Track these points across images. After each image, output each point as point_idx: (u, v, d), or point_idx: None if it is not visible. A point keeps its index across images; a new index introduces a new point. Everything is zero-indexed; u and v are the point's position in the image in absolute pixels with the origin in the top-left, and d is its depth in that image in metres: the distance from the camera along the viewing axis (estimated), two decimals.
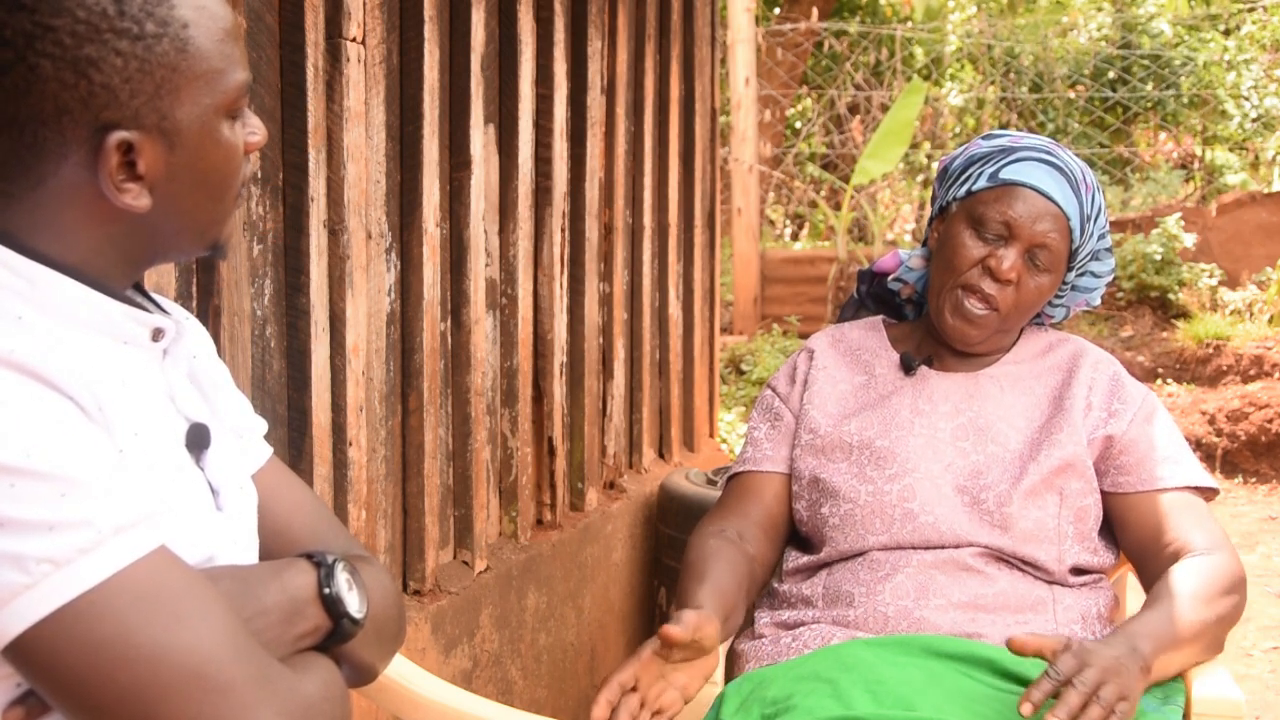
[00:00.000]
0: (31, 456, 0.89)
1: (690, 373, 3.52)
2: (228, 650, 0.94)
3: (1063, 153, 1.81)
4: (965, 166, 1.84)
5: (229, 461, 1.13)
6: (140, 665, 0.91)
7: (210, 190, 1.06)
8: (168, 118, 1.01)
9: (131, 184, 1.01)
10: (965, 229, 1.78)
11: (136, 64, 0.99)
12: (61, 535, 0.90)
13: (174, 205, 1.04)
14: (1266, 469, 5.69)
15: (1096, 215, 1.81)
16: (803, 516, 1.85)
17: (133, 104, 0.99)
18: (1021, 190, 1.76)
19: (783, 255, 8.15)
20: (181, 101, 1.01)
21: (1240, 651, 3.79)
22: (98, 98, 0.98)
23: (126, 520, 0.93)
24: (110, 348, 1.03)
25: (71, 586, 0.90)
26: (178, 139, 1.02)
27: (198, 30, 1.02)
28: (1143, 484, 1.77)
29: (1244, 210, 7.36)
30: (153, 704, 0.91)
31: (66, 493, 0.90)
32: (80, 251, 1.03)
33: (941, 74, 10.19)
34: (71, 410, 0.94)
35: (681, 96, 3.43)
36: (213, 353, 1.23)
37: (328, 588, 1.09)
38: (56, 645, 0.90)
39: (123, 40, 0.98)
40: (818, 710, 1.45)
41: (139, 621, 0.91)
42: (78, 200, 1.01)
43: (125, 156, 1.00)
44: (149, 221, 1.04)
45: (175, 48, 1.01)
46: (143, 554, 0.93)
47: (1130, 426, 1.79)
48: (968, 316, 1.78)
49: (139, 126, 1.00)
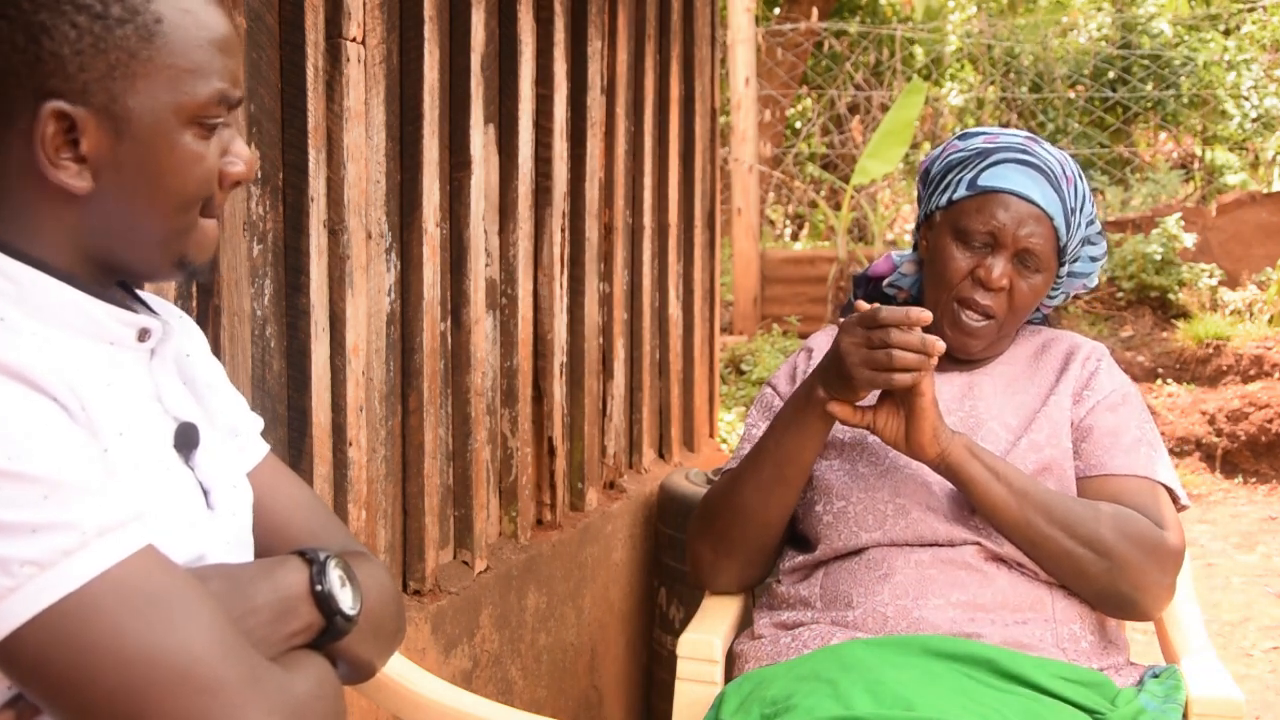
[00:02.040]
0: (13, 459, 0.89)
1: (690, 373, 3.52)
2: (217, 650, 0.94)
3: (1040, 148, 1.79)
4: (944, 173, 1.83)
5: (220, 460, 1.13)
6: (128, 666, 0.91)
7: (162, 195, 1.04)
8: (117, 101, 1.00)
9: (72, 163, 1.00)
10: (951, 241, 1.78)
11: (91, 40, 0.98)
12: (45, 537, 0.89)
13: (123, 200, 1.02)
14: (1266, 469, 5.69)
15: (1082, 205, 1.79)
16: (798, 514, 1.85)
17: (80, 77, 0.98)
18: (1002, 197, 1.75)
19: (783, 255, 8.15)
20: (136, 90, 1.00)
21: (1240, 651, 3.79)
22: (44, 64, 0.97)
23: (111, 521, 0.92)
24: (95, 348, 1.03)
25: (56, 588, 0.89)
26: (126, 128, 1.00)
27: (172, 28, 1.01)
28: (1089, 470, 1.75)
29: (1244, 210, 7.36)
30: (141, 704, 0.91)
31: (49, 495, 0.90)
32: (46, 247, 1.02)
33: (941, 74, 10.19)
34: (54, 411, 0.93)
35: (681, 96, 3.43)
36: (206, 351, 1.22)
37: (320, 585, 1.08)
38: (43, 647, 0.89)
39: (81, 15, 0.98)
40: (817, 710, 1.45)
41: (126, 622, 0.91)
42: (25, 177, 1.00)
43: (68, 133, 0.99)
44: (97, 214, 1.02)
45: (139, 35, 1.00)
46: (128, 554, 0.93)
47: (1089, 414, 1.78)
48: (966, 330, 1.79)
49: (85, 103, 0.99)
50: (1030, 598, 1.69)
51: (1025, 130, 8.91)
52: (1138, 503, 1.70)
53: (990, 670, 1.55)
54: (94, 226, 1.03)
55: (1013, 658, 1.57)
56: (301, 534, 1.23)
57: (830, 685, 1.50)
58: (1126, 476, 1.74)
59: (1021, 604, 1.68)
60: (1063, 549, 1.66)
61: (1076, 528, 1.65)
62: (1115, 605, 1.71)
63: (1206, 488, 5.58)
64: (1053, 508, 1.66)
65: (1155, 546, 1.67)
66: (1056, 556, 1.66)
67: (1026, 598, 1.69)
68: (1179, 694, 1.63)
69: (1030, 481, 1.68)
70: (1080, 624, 1.70)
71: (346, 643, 1.12)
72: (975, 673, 1.55)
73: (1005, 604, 1.68)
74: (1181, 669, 1.70)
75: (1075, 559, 1.66)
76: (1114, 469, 1.74)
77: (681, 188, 3.44)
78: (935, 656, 1.57)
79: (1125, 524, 1.67)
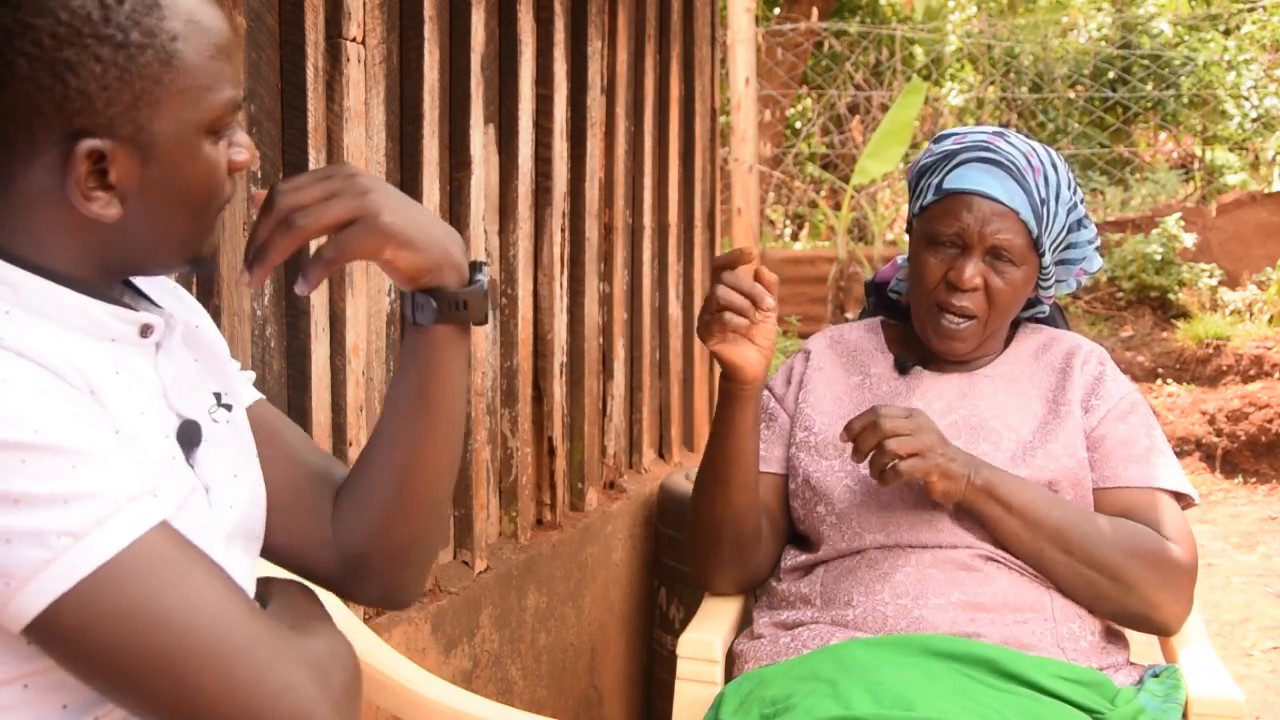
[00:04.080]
0: (40, 432, 0.90)
1: (690, 373, 3.52)
2: (243, 611, 0.96)
3: (1004, 143, 1.79)
4: (917, 180, 1.85)
5: (222, 452, 1.13)
6: (165, 628, 0.92)
7: (187, 206, 1.05)
8: (144, 130, 0.99)
9: (101, 192, 0.99)
10: (924, 248, 1.79)
11: (116, 72, 0.97)
12: (77, 507, 0.90)
13: (148, 218, 1.03)
14: (1266, 469, 5.70)
15: (1056, 194, 1.78)
16: (799, 515, 1.85)
17: (108, 112, 0.98)
18: (965, 198, 1.75)
19: (783, 255, 8.15)
20: (160, 115, 1.00)
21: (1240, 651, 3.79)
22: (72, 103, 0.96)
23: (136, 490, 0.94)
24: (97, 346, 1.03)
25: (93, 557, 0.91)
26: (153, 152, 1.00)
27: (186, 44, 1.00)
28: (1104, 481, 1.77)
29: (1244, 210, 7.37)
30: (180, 665, 0.93)
31: (77, 465, 0.91)
32: (58, 259, 1.02)
33: (941, 74, 10.19)
34: (68, 388, 0.95)
35: (681, 96, 3.43)
36: (210, 322, 1.24)
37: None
38: (84, 616, 0.91)
39: (105, 47, 0.96)
40: (817, 710, 1.45)
41: (160, 587, 0.93)
42: (48, 203, 1.00)
43: (96, 165, 0.99)
44: (122, 232, 1.02)
45: (159, 60, 0.99)
46: (154, 523, 0.94)
47: (1100, 423, 1.79)
48: (948, 333, 1.79)
49: (112, 135, 0.98)
50: (1030, 597, 1.69)
51: (1026, 130, 8.93)
52: (1151, 518, 1.72)
53: (990, 670, 1.55)
54: (117, 243, 1.04)
55: (1013, 657, 1.57)
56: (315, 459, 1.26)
57: (830, 685, 1.50)
58: (1140, 489, 1.76)
59: (1021, 604, 1.69)
60: (1076, 574, 1.69)
61: (1091, 554, 1.68)
62: (1132, 623, 1.75)
63: (1206, 488, 5.58)
64: (1067, 534, 1.68)
65: (1168, 567, 1.69)
66: (1071, 581, 1.70)
67: (1026, 597, 1.69)
68: (1179, 693, 1.64)
69: (1044, 508, 1.69)
70: (1080, 624, 1.70)
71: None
72: (975, 672, 1.55)
73: (1005, 604, 1.68)
74: (1181, 669, 1.70)
75: (1089, 582, 1.69)
76: (1127, 480, 1.76)
77: (681, 188, 3.44)
78: (935, 656, 1.57)
79: (1139, 545, 1.69)
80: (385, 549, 1.22)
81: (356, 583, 1.24)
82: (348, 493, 1.23)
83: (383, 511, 1.21)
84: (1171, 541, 1.70)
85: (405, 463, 1.20)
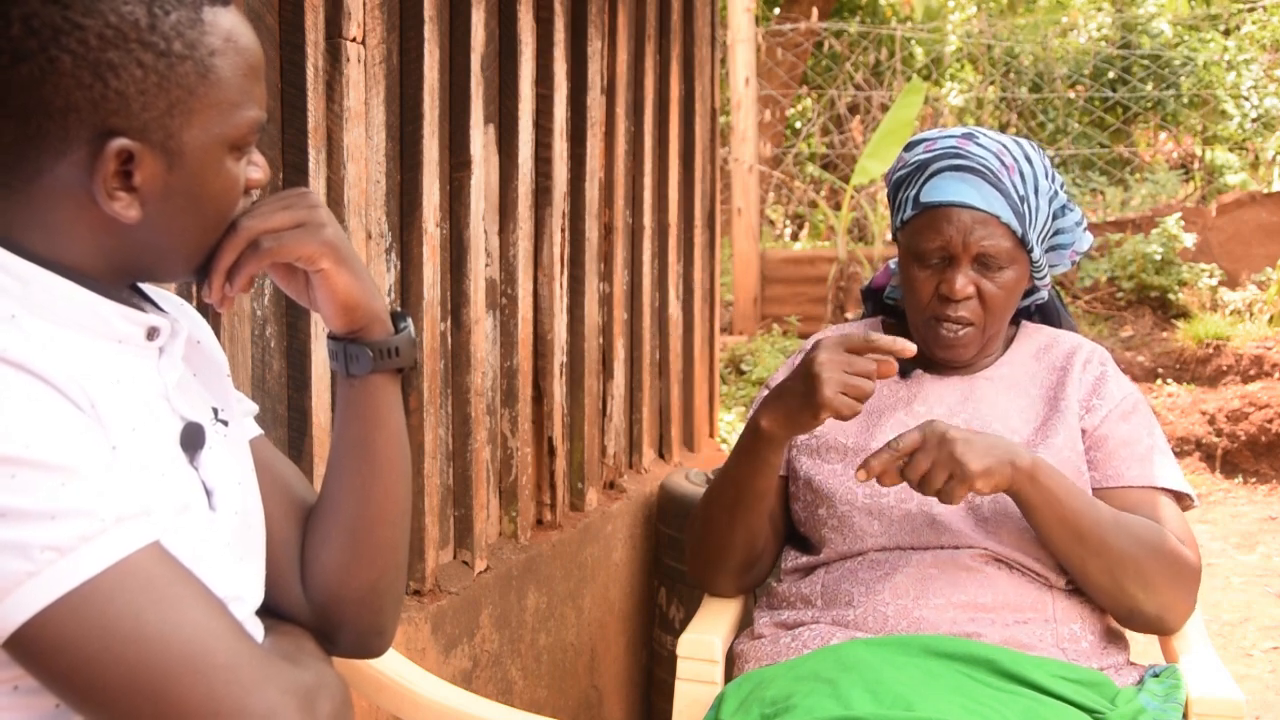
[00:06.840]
0: (31, 447, 0.90)
1: (690, 373, 3.52)
2: (229, 634, 0.96)
3: (974, 145, 1.76)
4: (894, 192, 1.84)
5: (226, 458, 1.13)
6: (147, 646, 0.92)
7: (202, 217, 1.07)
8: (174, 137, 1.02)
9: (124, 193, 1.01)
10: (912, 264, 1.79)
11: (155, 79, 1.00)
12: (64, 523, 0.91)
13: (164, 224, 1.05)
14: (1266, 469, 5.70)
15: (1035, 188, 1.76)
16: (800, 517, 1.85)
17: (142, 116, 1.00)
18: (944, 210, 1.74)
19: (783, 255, 8.15)
20: (191, 125, 1.02)
21: (1240, 651, 3.79)
22: (109, 103, 0.99)
23: (126, 510, 0.94)
24: (104, 348, 1.04)
25: (76, 573, 0.91)
26: (179, 160, 1.03)
27: (223, 60, 1.03)
28: (1107, 480, 1.76)
29: (1244, 210, 7.36)
30: (161, 684, 0.93)
31: (66, 482, 0.91)
32: (72, 256, 1.03)
33: (941, 74, 10.19)
34: (66, 404, 0.95)
35: (681, 96, 3.43)
36: (214, 338, 1.26)
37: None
38: (63, 632, 0.91)
39: (148, 53, 0.99)
40: (817, 710, 1.45)
41: (144, 605, 0.93)
42: (70, 200, 1.02)
43: (123, 165, 1.01)
44: (138, 236, 1.04)
45: (197, 72, 1.02)
46: (144, 544, 0.95)
47: (1103, 423, 1.78)
48: (948, 343, 1.79)
49: (143, 139, 1.01)
50: (1031, 598, 1.69)
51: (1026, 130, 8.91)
52: (1154, 518, 1.72)
53: (990, 670, 1.55)
54: (131, 246, 1.05)
55: (1013, 657, 1.57)
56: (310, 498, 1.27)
57: (830, 685, 1.50)
58: (1143, 489, 1.75)
59: (1022, 604, 1.69)
60: (1104, 570, 1.66)
61: (1122, 550, 1.65)
62: (1141, 621, 1.73)
63: (1206, 488, 5.58)
64: (1101, 528, 1.65)
65: (1181, 566, 1.69)
66: (1096, 576, 1.67)
67: (1027, 598, 1.69)
68: (1179, 694, 1.64)
69: (1083, 499, 1.66)
70: (1080, 624, 1.70)
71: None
72: (975, 673, 1.55)
73: (1006, 604, 1.68)
74: (1181, 669, 1.70)
75: (1115, 579, 1.67)
76: (1130, 480, 1.75)
77: (681, 188, 3.44)
78: (935, 656, 1.57)
79: (1159, 545, 1.68)
80: (351, 597, 1.22)
81: (330, 630, 1.23)
82: (308, 545, 1.23)
83: (342, 563, 1.22)
84: (1182, 543, 1.70)
85: (357, 513, 1.21)
